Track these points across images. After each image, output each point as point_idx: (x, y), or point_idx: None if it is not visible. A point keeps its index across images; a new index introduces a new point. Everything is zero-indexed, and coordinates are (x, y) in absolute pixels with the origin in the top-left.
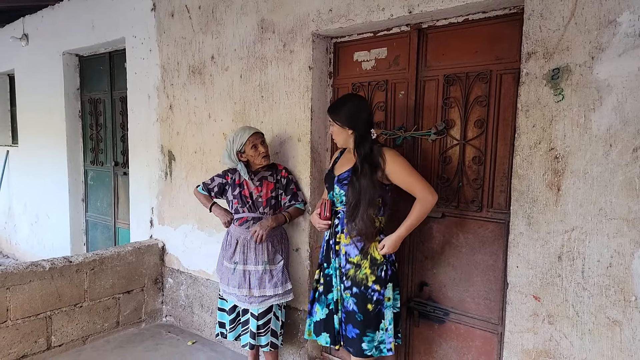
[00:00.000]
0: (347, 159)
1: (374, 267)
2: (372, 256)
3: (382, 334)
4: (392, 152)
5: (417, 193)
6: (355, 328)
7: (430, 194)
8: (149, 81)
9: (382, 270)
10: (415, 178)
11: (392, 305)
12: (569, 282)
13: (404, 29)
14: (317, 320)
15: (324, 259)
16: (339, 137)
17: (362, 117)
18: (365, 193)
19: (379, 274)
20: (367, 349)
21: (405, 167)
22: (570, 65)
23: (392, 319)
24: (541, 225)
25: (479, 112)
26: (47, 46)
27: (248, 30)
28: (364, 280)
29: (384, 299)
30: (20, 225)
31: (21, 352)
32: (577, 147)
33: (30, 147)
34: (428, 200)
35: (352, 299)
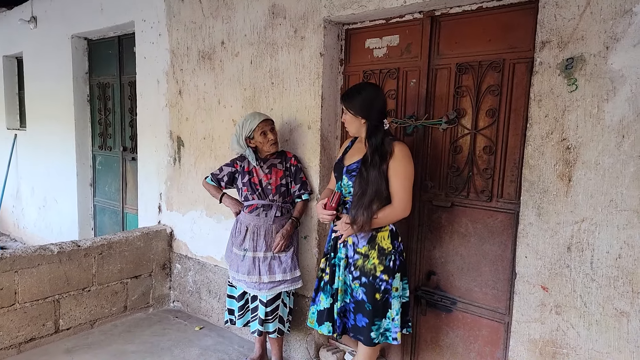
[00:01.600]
0: (357, 148)
1: (382, 257)
2: (380, 246)
3: (389, 322)
4: (402, 148)
5: (395, 200)
6: (365, 317)
7: (404, 210)
8: (158, 66)
9: (390, 260)
10: (404, 187)
11: (399, 295)
12: (578, 273)
13: (416, 16)
14: (320, 309)
15: (331, 248)
16: (352, 126)
17: (376, 107)
18: (372, 184)
19: (387, 264)
20: (375, 337)
21: (404, 171)
22: (585, 55)
23: (399, 309)
24: (551, 216)
25: (490, 102)
26: (56, 29)
27: (259, 15)
28: (373, 270)
29: (391, 288)
30: (28, 209)
31: (29, 335)
32: (590, 138)
33: (38, 131)
34: (398, 213)
35: (362, 289)
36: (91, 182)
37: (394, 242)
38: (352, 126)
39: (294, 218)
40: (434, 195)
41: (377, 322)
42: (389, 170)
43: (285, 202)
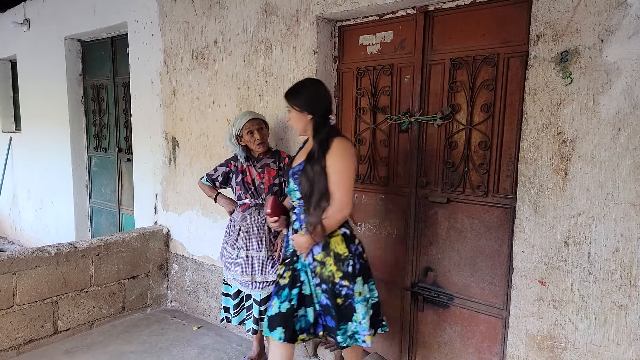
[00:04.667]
0: (305, 150)
1: (339, 263)
2: (335, 252)
3: (356, 325)
4: (339, 142)
5: (334, 199)
6: (333, 320)
7: (339, 209)
8: (151, 66)
9: (348, 265)
10: (338, 183)
11: (364, 299)
12: (575, 266)
13: (410, 11)
14: (271, 314)
15: (292, 253)
16: (298, 123)
17: (321, 101)
18: (317, 182)
19: (345, 270)
20: (342, 341)
21: (339, 167)
22: (580, 47)
23: (365, 313)
24: (547, 210)
25: (485, 97)
26: (49, 31)
27: (252, 13)
28: (331, 277)
29: (353, 293)
30: (24, 211)
31: (28, 337)
32: (585, 131)
33: (33, 134)
34: (335, 214)
35: (324, 295)
36: (87, 184)
37: (350, 246)
38: (299, 123)
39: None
40: (429, 192)
41: (343, 326)
42: (327, 166)
43: None
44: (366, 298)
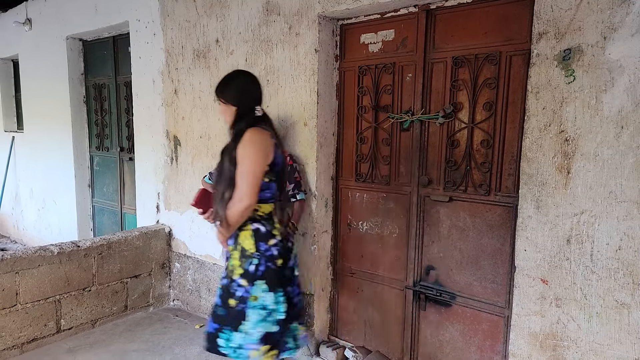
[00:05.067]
0: None
1: (243, 259)
2: (242, 246)
3: (242, 336)
4: (250, 132)
5: (236, 190)
6: (216, 322)
7: (239, 199)
8: (153, 65)
9: (251, 263)
10: (242, 174)
11: (261, 307)
12: (578, 265)
13: (411, 10)
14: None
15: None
16: (227, 116)
17: (246, 92)
18: (225, 172)
19: (246, 268)
20: (224, 346)
21: (245, 157)
22: (582, 45)
23: (257, 323)
24: (550, 209)
25: (487, 95)
26: (51, 31)
27: (253, 12)
28: (231, 272)
29: (249, 297)
30: (27, 210)
31: (31, 336)
32: (588, 129)
33: (36, 133)
34: (235, 204)
35: (219, 291)
36: (89, 183)
37: (259, 244)
38: (227, 116)
39: (292, 223)
40: (431, 190)
41: (227, 331)
42: (236, 157)
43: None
44: (267, 308)
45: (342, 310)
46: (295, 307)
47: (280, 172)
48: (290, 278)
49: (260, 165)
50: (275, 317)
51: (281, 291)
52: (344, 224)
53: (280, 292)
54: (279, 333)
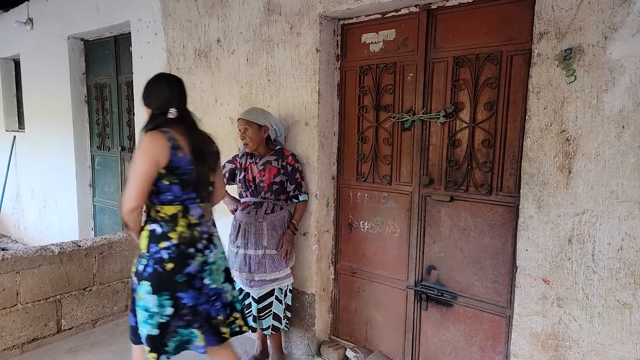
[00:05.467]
0: None
1: (137, 257)
2: (140, 246)
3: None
4: (144, 137)
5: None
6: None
7: (125, 201)
8: (154, 65)
9: (140, 263)
10: (129, 177)
11: (144, 309)
12: (579, 265)
13: (412, 9)
14: None
15: None
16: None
17: (157, 96)
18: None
19: (137, 266)
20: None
21: (134, 161)
22: (583, 45)
23: (141, 322)
24: (551, 208)
25: (488, 95)
26: (52, 30)
27: (254, 12)
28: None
29: (136, 295)
30: (28, 210)
31: (32, 335)
32: (589, 129)
33: (37, 133)
34: (123, 205)
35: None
36: (90, 183)
37: (150, 245)
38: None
39: (292, 223)
40: (433, 190)
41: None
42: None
43: (279, 199)
44: (149, 310)
45: (343, 310)
46: (198, 314)
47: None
48: (189, 284)
49: (147, 168)
50: (156, 320)
51: (167, 295)
52: (345, 224)
53: (166, 296)
54: (159, 337)
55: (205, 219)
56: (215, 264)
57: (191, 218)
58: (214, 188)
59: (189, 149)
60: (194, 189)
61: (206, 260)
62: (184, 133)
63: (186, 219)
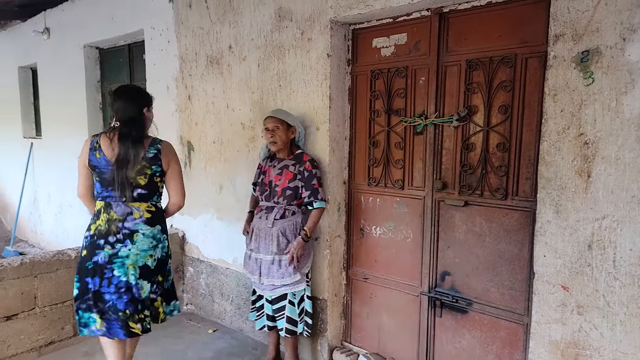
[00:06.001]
0: None
1: None
2: None
3: None
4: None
5: None
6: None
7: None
8: (167, 72)
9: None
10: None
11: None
12: (600, 271)
13: (424, 13)
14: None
15: None
16: None
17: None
18: None
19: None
20: None
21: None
22: (601, 47)
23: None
24: (570, 213)
25: (503, 98)
26: (68, 39)
27: (265, 18)
28: None
29: None
30: (45, 215)
31: (49, 339)
32: (609, 132)
33: (53, 139)
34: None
35: None
36: None
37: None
38: None
39: (304, 230)
40: (446, 195)
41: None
42: None
43: (291, 204)
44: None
45: (356, 316)
46: (101, 301)
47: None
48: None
49: (79, 166)
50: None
51: (77, 277)
52: (356, 229)
53: (76, 278)
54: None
55: (133, 217)
56: (129, 258)
57: (113, 214)
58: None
59: (111, 153)
60: (115, 188)
61: (117, 253)
62: (115, 139)
63: (107, 214)
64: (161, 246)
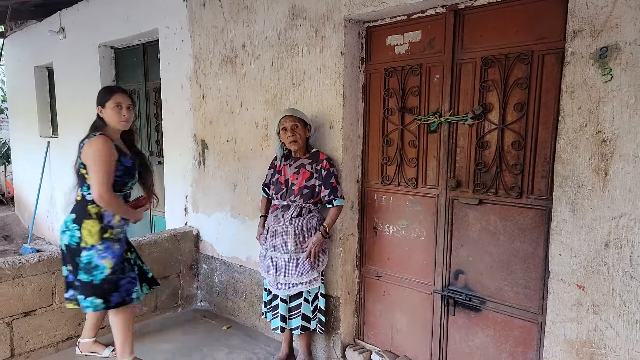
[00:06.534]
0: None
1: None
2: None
3: None
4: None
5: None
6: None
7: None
8: (181, 71)
9: None
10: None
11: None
12: (616, 270)
13: (439, 10)
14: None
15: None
16: None
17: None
18: None
19: None
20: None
21: None
22: (620, 43)
23: None
24: (586, 212)
25: (518, 95)
26: (84, 39)
27: (279, 17)
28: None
29: None
30: (61, 213)
31: (66, 334)
32: (627, 130)
33: (69, 138)
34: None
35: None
36: None
37: None
38: None
39: (324, 226)
40: (460, 193)
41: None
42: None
43: (307, 202)
44: None
45: (368, 313)
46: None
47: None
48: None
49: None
50: None
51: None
52: (369, 227)
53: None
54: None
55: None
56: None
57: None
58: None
59: None
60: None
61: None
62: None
63: None
64: (69, 234)
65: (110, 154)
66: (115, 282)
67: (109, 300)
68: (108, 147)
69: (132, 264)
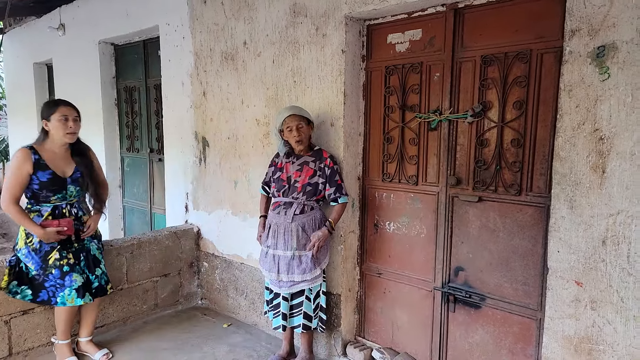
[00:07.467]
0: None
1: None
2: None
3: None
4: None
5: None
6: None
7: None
8: (182, 68)
9: None
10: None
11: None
12: (614, 267)
13: (439, 9)
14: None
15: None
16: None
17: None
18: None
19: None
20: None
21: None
22: (617, 42)
23: None
24: (584, 209)
25: (518, 93)
26: (83, 35)
27: (280, 14)
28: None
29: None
30: None
31: None
32: (624, 128)
33: None
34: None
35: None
36: (120, 184)
37: None
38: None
39: (329, 221)
40: (460, 190)
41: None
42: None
43: (310, 200)
44: None
45: (369, 310)
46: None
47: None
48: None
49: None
50: None
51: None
52: (370, 224)
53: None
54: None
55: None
56: None
57: None
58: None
59: None
60: None
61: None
62: None
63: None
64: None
65: (22, 167)
66: (41, 283)
67: (37, 295)
68: (22, 160)
69: (64, 271)
